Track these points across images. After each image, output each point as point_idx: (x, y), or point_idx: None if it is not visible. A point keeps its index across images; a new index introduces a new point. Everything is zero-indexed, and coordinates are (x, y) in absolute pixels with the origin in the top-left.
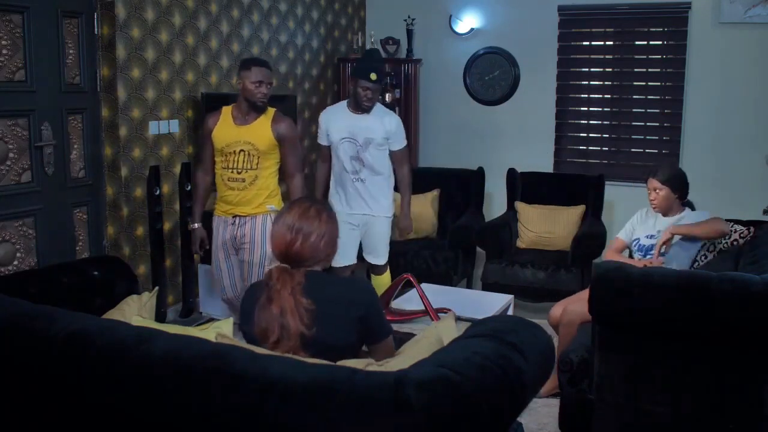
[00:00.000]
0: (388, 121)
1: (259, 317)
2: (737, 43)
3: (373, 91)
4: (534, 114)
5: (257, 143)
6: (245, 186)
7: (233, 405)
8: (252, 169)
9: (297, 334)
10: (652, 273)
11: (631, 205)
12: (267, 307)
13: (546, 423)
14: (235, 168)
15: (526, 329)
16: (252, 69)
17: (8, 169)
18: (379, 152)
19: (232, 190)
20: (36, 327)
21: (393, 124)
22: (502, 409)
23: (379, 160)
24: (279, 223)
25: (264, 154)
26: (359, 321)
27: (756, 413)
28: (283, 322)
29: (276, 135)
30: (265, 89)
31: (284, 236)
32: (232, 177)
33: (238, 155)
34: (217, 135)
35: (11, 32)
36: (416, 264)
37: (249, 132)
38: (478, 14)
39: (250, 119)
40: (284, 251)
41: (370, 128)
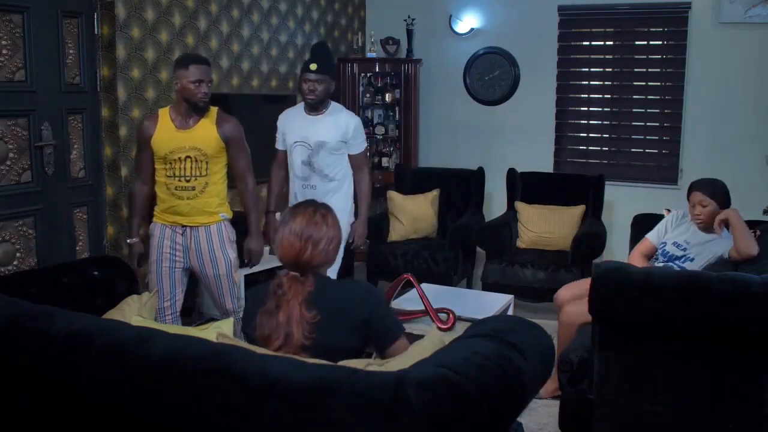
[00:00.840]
0: (344, 122)
1: (263, 322)
2: (737, 43)
3: (316, 83)
4: (534, 114)
5: (204, 148)
6: (196, 194)
7: (233, 405)
8: (201, 176)
9: (299, 344)
10: (653, 273)
11: (631, 205)
12: (274, 313)
13: (546, 423)
14: (183, 176)
15: (526, 329)
16: (190, 67)
17: (8, 169)
18: (333, 157)
19: (181, 200)
20: (36, 327)
21: (351, 125)
22: (502, 409)
23: (333, 165)
24: (286, 231)
25: (212, 159)
26: (363, 324)
27: (756, 413)
28: (289, 330)
29: (222, 136)
30: (205, 88)
31: (293, 245)
32: (181, 186)
33: (184, 162)
34: (157, 141)
35: (11, 32)
36: (416, 264)
37: (193, 136)
38: (478, 14)
39: (192, 122)
40: (294, 260)
41: (323, 130)
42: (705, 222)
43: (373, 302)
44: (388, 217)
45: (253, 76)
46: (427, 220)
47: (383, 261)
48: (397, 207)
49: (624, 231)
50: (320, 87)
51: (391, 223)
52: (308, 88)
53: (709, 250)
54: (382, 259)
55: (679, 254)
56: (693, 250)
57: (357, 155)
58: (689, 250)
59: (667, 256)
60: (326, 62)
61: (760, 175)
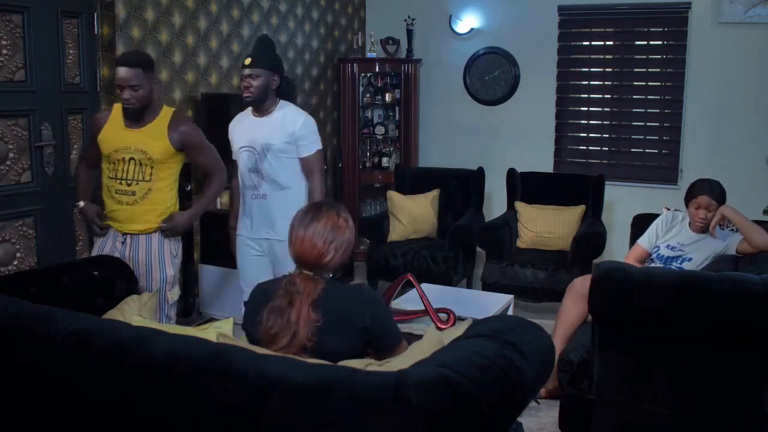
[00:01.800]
0: (291, 122)
1: (270, 320)
2: (737, 43)
3: (251, 79)
4: (534, 114)
5: (150, 151)
6: (135, 200)
7: (233, 405)
8: (144, 180)
9: (301, 345)
10: (653, 273)
11: (631, 205)
12: (285, 311)
13: (546, 423)
14: (124, 179)
15: (526, 329)
16: (117, 68)
17: (8, 169)
18: (282, 161)
19: (120, 205)
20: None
21: (298, 123)
22: (502, 409)
23: (283, 171)
24: (306, 231)
25: (158, 165)
26: (364, 331)
27: (756, 413)
28: (297, 329)
29: (174, 143)
30: (128, 94)
31: (316, 245)
32: (121, 189)
33: (127, 164)
34: (104, 138)
35: (11, 32)
36: (416, 264)
37: (141, 137)
38: (478, 14)
39: (143, 122)
40: (314, 261)
41: (268, 132)
42: (706, 225)
43: (375, 310)
44: (388, 217)
45: None
46: (427, 220)
47: (383, 261)
48: (397, 207)
49: (624, 231)
50: (256, 83)
51: (391, 223)
52: (244, 85)
53: (705, 248)
54: (382, 259)
55: (675, 255)
56: (689, 249)
57: (307, 158)
58: (685, 251)
59: (663, 259)
60: (264, 55)
61: (760, 175)
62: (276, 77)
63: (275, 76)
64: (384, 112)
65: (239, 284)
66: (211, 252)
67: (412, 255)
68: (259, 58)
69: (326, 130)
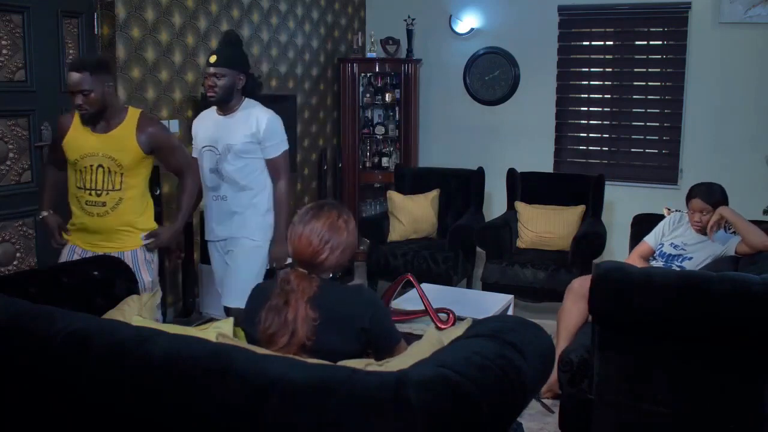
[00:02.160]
0: (255, 121)
1: (268, 319)
2: (737, 43)
3: (216, 77)
4: (534, 114)
5: (120, 158)
6: (106, 211)
7: (233, 405)
8: (114, 190)
9: (300, 344)
10: (653, 273)
11: (631, 205)
12: (282, 310)
13: (546, 423)
14: (93, 189)
15: (526, 329)
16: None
17: (8, 169)
18: (244, 162)
19: (90, 217)
20: (36, 327)
21: (262, 122)
22: (502, 409)
23: (244, 172)
24: (304, 229)
25: (129, 171)
26: (363, 332)
27: (756, 413)
28: (294, 328)
29: (143, 146)
30: (80, 99)
31: (311, 243)
32: (91, 200)
33: (95, 172)
34: (69, 144)
35: (11, 32)
36: (416, 264)
37: (109, 143)
38: (478, 14)
39: (110, 126)
40: (308, 259)
41: (230, 132)
42: (704, 228)
43: (374, 311)
44: (388, 217)
45: None
46: (427, 220)
47: (383, 261)
48: (397, 207)
49: (624, 231)
50: (221, 82)
51: (391, 223)
52: (208, 84)
53: (707, 249)
54: (382, 259)
55: (677, 254)
56: (690, 249)
57: (272, 159)
58: (687, 250)
59: (665, 256)
60: (230, 53)
61: (760, 175)
62: (242, 76)
63: (241, 75)
64: (384, 112)
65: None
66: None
67: (412, 255)
68: (224, 57)
69: (326, 130)
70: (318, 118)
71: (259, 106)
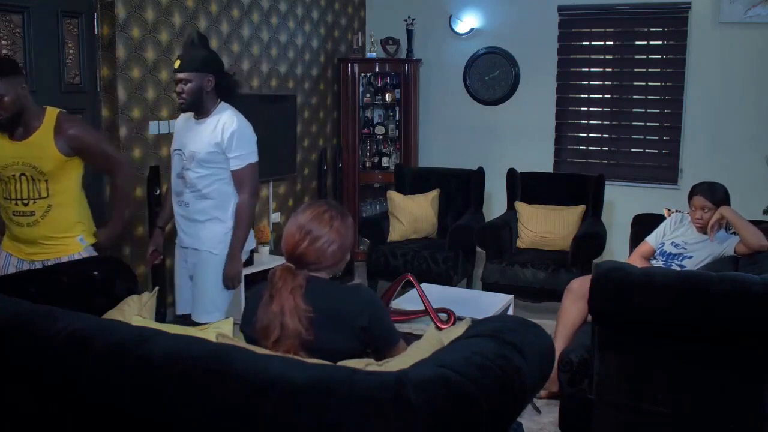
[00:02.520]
0: (221, 129)
1: (261, 315)
2: (737, 43)
3: (183, 84)
4: (534, 114)
5: (40, 165)
6: (36, 221)
7: (233, 405)
8: (41, 198)
9: (296, 335)
10: (653, 273)
11: (631, 205)
12: (269, 304)
13: (546, 423)
14: (20, 199)
15: (526, 329)
16: None
17: None
18: (208, 171)
19: (20, 227)
20: (36, 327)
21: (227, 131)
22: (502, 409)
23: (207, 180)
24: (291, 222)
25: (53, 177)
26: (362, 331)
27: (756, 413)
28: (283, 320)
29: (63, 150)
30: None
31: (293, 235)
32: (18, 210)
33: (19, 181)
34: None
35: (11, 32)
36: (416, 264)
37: (27, 150)
38: (478, 14)
39: (28, 132)
40: (290, 251)
41: (197, 139)
42: (705, 226)
43: (373, 310)
44: (388, 217)
45: (253, 76)
46: (427, 220)
47: (383, 261)
48: (397, 207)
49: (624, 231)
50: (188, 87)
51: (391, 223)
52: (176, 91)
53: (707, 248)
54: (382, 259)
55: (677, 253)
56: (691, 248)
57: (236, 171)
58: (687, 249)
59: (666, 255)
60: (193, 56)
61: (760, 175)
62: (210, 77)
63: (209, 77)
64: (384, 112)
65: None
66: None
67: (412, 255)
68: (188, 60)
69: (326, 130)
70: (318, 118)
71: (228, 112)
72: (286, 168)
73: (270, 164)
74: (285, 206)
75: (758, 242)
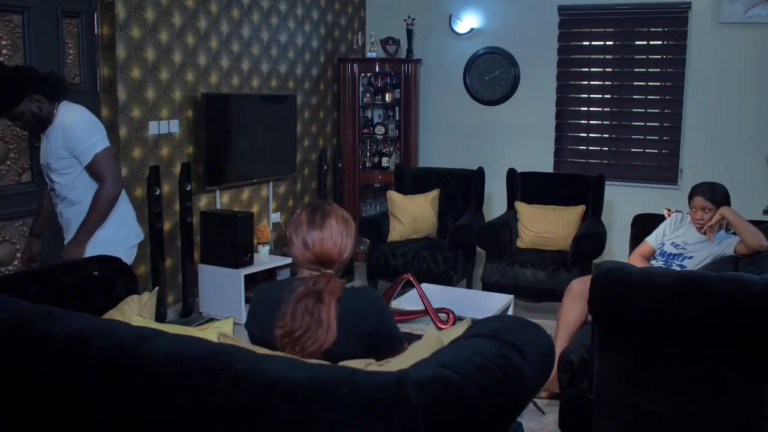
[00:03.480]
0: (61, 131)
1: (297, 320)
2: (737, 43)
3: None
4: (534, 114)
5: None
6: None
7: (233, 405)
8: None
9: (326, 347)
10: (653, 273)
11: (631, 205)
12: (315, 308)
13: (546, 423)
14: None
15: (526, 329)
16: None
17: (8, 169)
18: (66, 177)
19: None
20: (36, 327)
21: (66, 132)
22: (502, 409)
23: (70, 186)
24: (327, 231)
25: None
26: (368, 335)
27: (756, 413)
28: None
29: None
30: None
31: (336, 243)
32: None
33: None
34: None
35: (11, 32)
36: (416, 264)
37: None
38: (478, 14)
39: None
40: (336, 258)
41: (46, 150)
42: (705, 227)
43: (380, 313)
44: (388, 217)
45: (253, 76)
46: (427, 220)
47: (383, 261)
48: (397, 207)
49: (624, 231)
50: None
51: (391, 223)
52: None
53: (707, 248)
54: (382, 259)
55: (677, 253)
56: (691, 249)
57: (88, 166)
58: (687, 249)
59: (666, 255)
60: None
61: (760, 175)
62: (34, 96)
63: (33, 96)
64: (384, 112)
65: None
66: (211, 252)
67: (412, 255)
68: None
69: (326, 130)
70: (318, 118)
71: (63, 112)
72: (286, 168)
73: (270, 164)
74: (285, 206)
75: (758, 242)
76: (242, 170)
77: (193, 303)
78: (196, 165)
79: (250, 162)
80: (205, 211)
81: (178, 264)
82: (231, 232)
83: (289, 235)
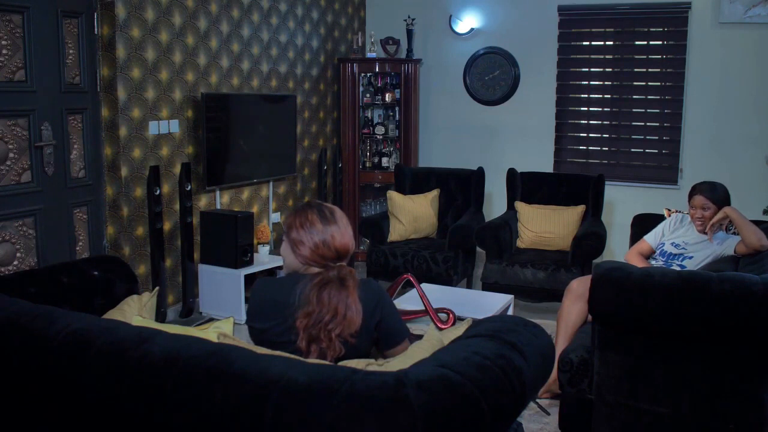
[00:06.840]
0: None
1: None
2: (737, 43)
3: None
4: (534, 114)
5: None
6: None
7: (233, 405)
8: None
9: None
10: (653, 273)
11: (631, 205)
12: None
13: (546, 423)
14: None
15: (526, 329)
16: None
17: (8, 169)
18: None
19: None
20: (36, 327)
21: None
22: (502, 409)
23: None
24: (342, 226)
25: None
26: (375, 327)
27: (756, 413)
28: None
29: None
30: None
31: (350, 234)
32: None
33: None
34: None
35: (11, 32)
36: (416, 264)
37: None
38: (478, 14)
39: None
40: (351, 249)
41: None
42: (706, 225)
43: (385, 305)
44: (388, 217)
45: (253, 76)
46: (427, 220)
47: (383, 261)
48: (397, 207)
49: (624, 231)
50: None
51: (391, 223)
52: None
53: (708, 248)
54: (382, 259)
55: (677, 253)
56: (691, 249)
57: None
58: (687, 249)
59: (666, 255)
60: None
61: (760, 175)
62: None
63: None
64: (384, 112)
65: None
66: (211, 252)
67: (412, 255)
68: None
69: (326, 130)
70: (318, 118)
71: None
72: (286, 168)
73: (270, 164)
74: (285, 206)
75: (759, 242)
76: (242, 170)
77: (193, 303)
78: (196, 165)
79: (250, 162)
80: (205, 211)
81: (178, 264)
82: (231, 232)
83: (294, 237)
